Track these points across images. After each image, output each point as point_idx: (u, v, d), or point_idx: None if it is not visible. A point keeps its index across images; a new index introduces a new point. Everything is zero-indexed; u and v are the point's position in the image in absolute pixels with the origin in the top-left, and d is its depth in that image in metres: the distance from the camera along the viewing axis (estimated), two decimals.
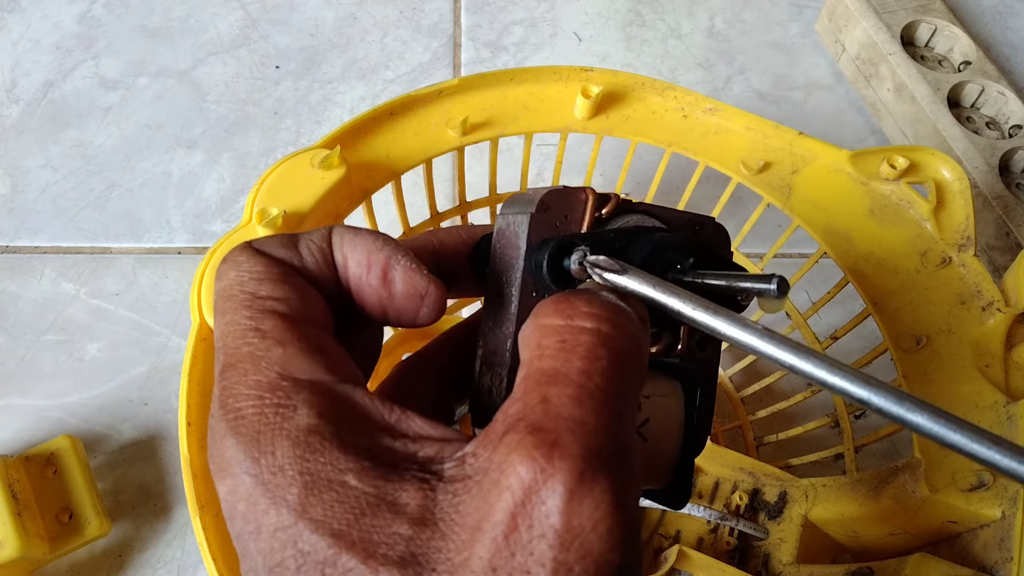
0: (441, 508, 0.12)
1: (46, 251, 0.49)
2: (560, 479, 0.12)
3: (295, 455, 0.13)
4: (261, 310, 0.15)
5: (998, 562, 0.29)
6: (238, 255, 0.16)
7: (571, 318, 0.14)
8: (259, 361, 0.14)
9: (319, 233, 0.17)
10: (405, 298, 0.16)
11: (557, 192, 0.17)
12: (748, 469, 0.38)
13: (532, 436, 0.12)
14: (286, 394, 0.14)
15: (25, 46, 0.58)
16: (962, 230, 0.35)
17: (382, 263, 0.16)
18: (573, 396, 0.13)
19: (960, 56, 0.57)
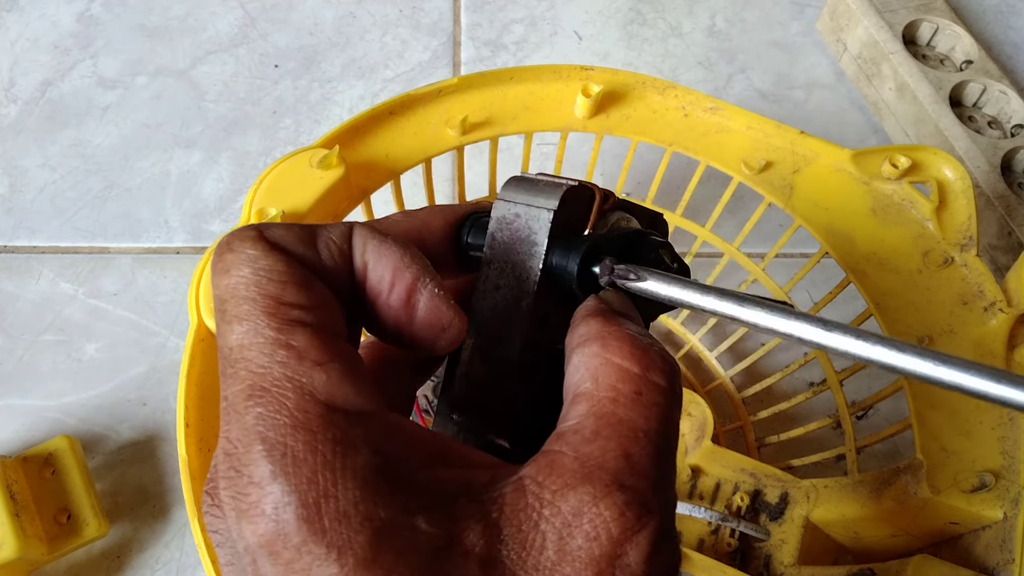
0: (507, 546, 0.12)
1: (44, 251, 0.49)
2: (645, 535, 0.13)
3: (363, 499, 0.12)
4: (289, 320, 0.13)
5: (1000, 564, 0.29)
6: (249, 246, 0.14)
7: (647, 370, 0.14)
8: (301, 388, 0.12)
9: (339, 231, 0.15)
10: (425, 327, 0.15)
11: (575, 189, 0.17)
12: (749, 470, 0.38)
13: (621, 492, 0.13)
14: (342, 430, 0.12)
15: (23, 45, 0.58)
16: (964, 230, 0.35)
17: (407, 284, 0.15)
18: (653, 456, 0.14)
19: (962, 55, 0.57)
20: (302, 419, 0.12)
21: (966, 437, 0.31)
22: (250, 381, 0.13)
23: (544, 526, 0.12)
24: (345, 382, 0.13)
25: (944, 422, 0.32)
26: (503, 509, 0.13)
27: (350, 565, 0.11)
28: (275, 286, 0.13)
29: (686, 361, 0.47)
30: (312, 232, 0.15)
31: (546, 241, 0.16)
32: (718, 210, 0.41)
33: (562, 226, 0.16)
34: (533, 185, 0.17)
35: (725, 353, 0.46)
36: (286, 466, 0.12)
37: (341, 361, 0.13)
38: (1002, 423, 0.31)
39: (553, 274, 0.16)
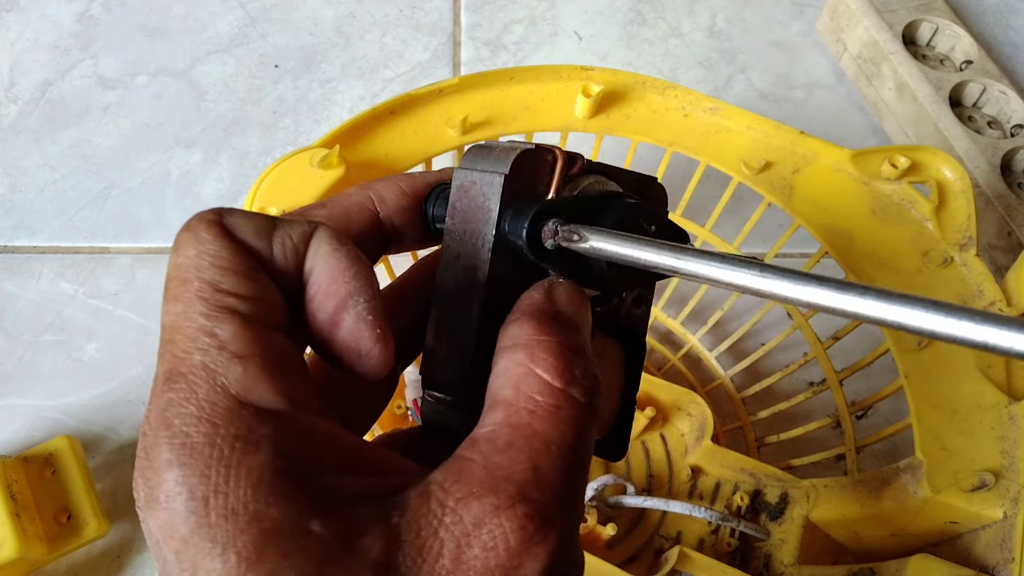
0: (404, 551, 0.12)
1: (44, 251, 0.49)
2: (545, 548, 0.13)
3: (253, 498, 0.12)
4: (220, 307, 0.13)
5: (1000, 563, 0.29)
6: (203, 229, 0.14)
7: (569, 384, 0.14)
8: (214, 377, 0.12)
9: (300, 229, 0.15)
10: (344, 348, 0.14)
11: (529, 152, 0.16)
12: (749, 470, 0.38)
13: (524, 505, 0.13)
14: (247, 426, 0.12)
15: (23, 45, 0.58)
16: (964, 230, 0.35)
17: (337, 300, 0.14)
18: (562, 471, 0.14)
19: (962, 55, 0.57)
20: (208, 411, 0.12)
21: (966, 436, 0.31)
22: (171, 364, 0.13)
23: (444, 533, 0.12)
24: (263, 378, 0.13)
25: (944, 421, 0.32)
26: (404, 514, 0.13)
27: (232, 563, 0.11)
28: (215, 271, 0.13)
29: (686, 361, 0.47)
30: (272, 225, 0.15)
31: (497, 207, 0.16)
32: (718, 210, 0.42)
33: (518, 191, 0.16)
34: (490, 152, 0.16)
35: (725, 353, 0.46)
36: (183, 456, 0.12)
37: (265, 356, 0.13)
38: (1002, 422, 0.31)
39: (506, 240, 0.16)
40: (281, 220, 0.15)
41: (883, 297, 0.12)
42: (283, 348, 0.14)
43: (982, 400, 0.32)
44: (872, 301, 0.12)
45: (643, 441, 0.41)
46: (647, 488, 0.40)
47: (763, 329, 0.47)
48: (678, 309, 0.47)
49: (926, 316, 0.12)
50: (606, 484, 0.36)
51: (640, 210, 0.17)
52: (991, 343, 0.11)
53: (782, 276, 0.13)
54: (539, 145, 0.17)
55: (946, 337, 0.11)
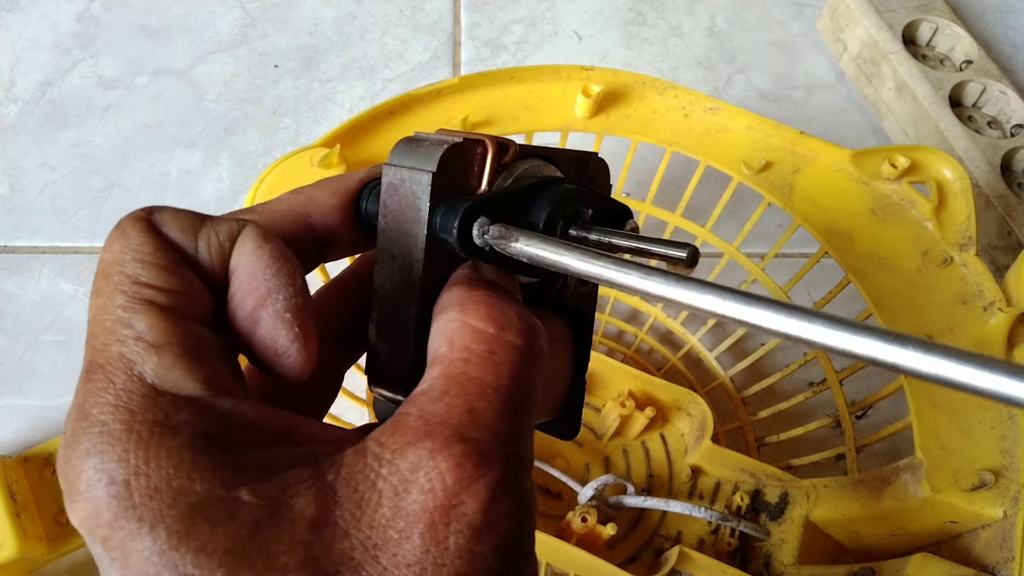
0: (342, 507, 0.12)
1: (44, 251, 0.49)
2: (484, 483, 0.13)
3: (175, 476, 0.12)
4: (137, 299, 0.13)
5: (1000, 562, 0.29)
6: (130, 225, 0.14)
7: (503, 330, 0.15)
8: (131, 367, 0.13)
9: (227, 227, 0.15)
10: (262, 347, 0.14)
11: (456, 147, 0.16)
12: (749, 470, 0.38)
13: (460, 444, 0.13)
14: (164, 412, 0.12)
15: (23, 45, 0.58)
16: (963, 230, 0.35)
17: (258, 295, 0.14)
18: (500, 410, 0.14)
19: (961, 55, 0.57)
20: (125, 400, 0.12)
21: (966, 436, 0.31)
22: (91, 357, 0.13)
23: (381, 484, 0.13)
24: (180, 366, 0.13)
25: (944, 421, 0.32)
26: (340, 472, 0.13)
27: (163, 538, 0.11)
28: (136, 265, 0.14)
29: (686, 361, 0.47)
30: (199, 222, 0.15)
31: (427, 206, 0.15)
32: (718, 210, 0.42)
33: (448, 187, 0.16)
34: (418, 147, 0.16)
35: (725, 353, 0.46)
36: (101, 444, 0.12)
37: (183, 345, 0.13)
38: (1002, 422, 0.31)
39: (438, 239, 0.16)
40: (209, 218, 0.15)
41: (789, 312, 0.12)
42: (202, 337, 0.14)
43: (982, 400, 0.32)
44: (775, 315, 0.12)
45: (643, 441, 0.41)
46: (647, 488, 0.40)
47: None
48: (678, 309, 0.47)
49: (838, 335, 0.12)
50: (606, 484, 0.36)
51: (574, 194, 0.17)
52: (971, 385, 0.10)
53: (701, 288, 0.13)
54: (467, 136, 0.16)
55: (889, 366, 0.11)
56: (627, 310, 0.49)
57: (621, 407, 0.39)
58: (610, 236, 0.16)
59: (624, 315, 0.49)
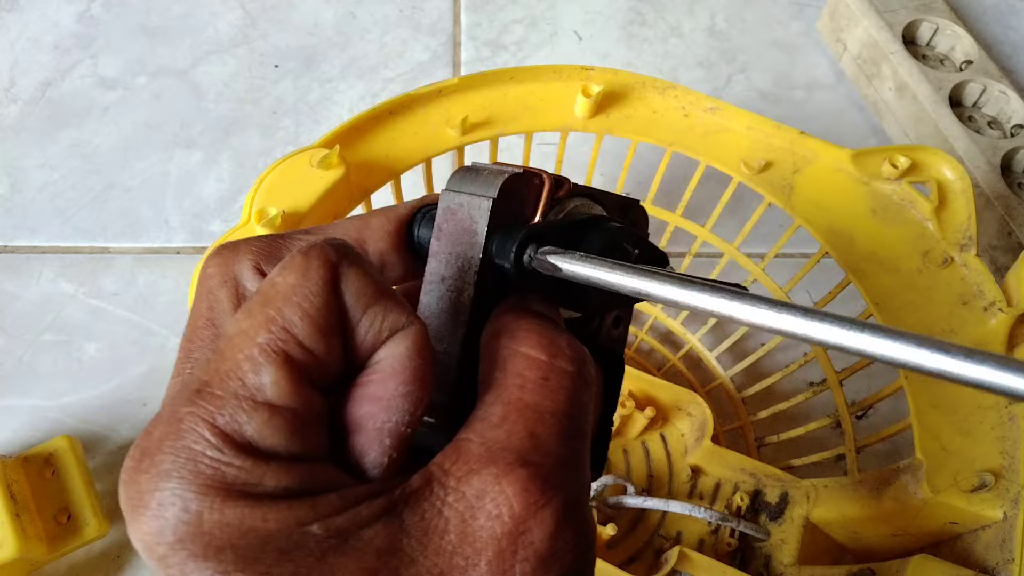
0: (409, 534, 0.12)
1: (44, 251, 0.49)
2: (551, 510, 0.13)
3: (248, 517, 0.12)
4: (278, 349, 0.13)
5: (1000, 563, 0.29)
6: (316, 267, 0.13)
7: (555, 357, 0.15)
8: (238, 415, 0.13)
9: (395, 317, 0.14)
10: (352, 443, 0.14)
11: (517, 177, 0.16)
12: (749, 470, 0.38)
13: (524, 469, 0.13)
14: (251, 471, 0.12)
15: (24, 45, 0.58)
16: (964, 230, 0.35)
17: (378, 405, 0.14)
18: (559, 435, 0.14)
19: (962, 55, 0.57)
20: (218, 443, 0.12)
21: (966, 437, 0.31)
22: (209, 376, 0.13)
23: (447, 512, 0.13)
24: (283, 431, 0.13)
25: (944, 422, 0.32)
26: (407, 501, 0.13)
27: (229, 560, 0.12)
28: (296, 314, 0.13)
29: (686, 361, 0.47)
30: (377, 295, 0.14)
31: (485, 230, 0.16)
32: (718, 210, 0.42)
33: (505, 215, 0.16)
34: (478, 175, 0.17)
35: (725, 353, 0.46)
36: (183, 472, 0.12)
37: (293, 412, 0.13)
38: (1002, 423, 0.31)
39: (493, 264, 0.16)
40: (387, 293, 0.14)
41: (855, 327, 0.12)
42: (315, 406, 0.13)
43: (982, 400, 0.32)
44: (847, 331, 0.12)
45: (643, 441, 0.41)
46: (647, 488, 0.40)
47: None
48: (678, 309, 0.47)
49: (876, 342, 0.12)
50: (606, 484, 0.36)
51: (624, 233, 0.18)
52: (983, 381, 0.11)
53: (747, 301, 0.13)
54: (527, 169, 0.17)
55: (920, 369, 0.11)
56: None
57: (621, 407, 0.39)
58: (656, 272, 0.17)
59: None
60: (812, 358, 0.41)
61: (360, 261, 0.14)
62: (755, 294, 0.13)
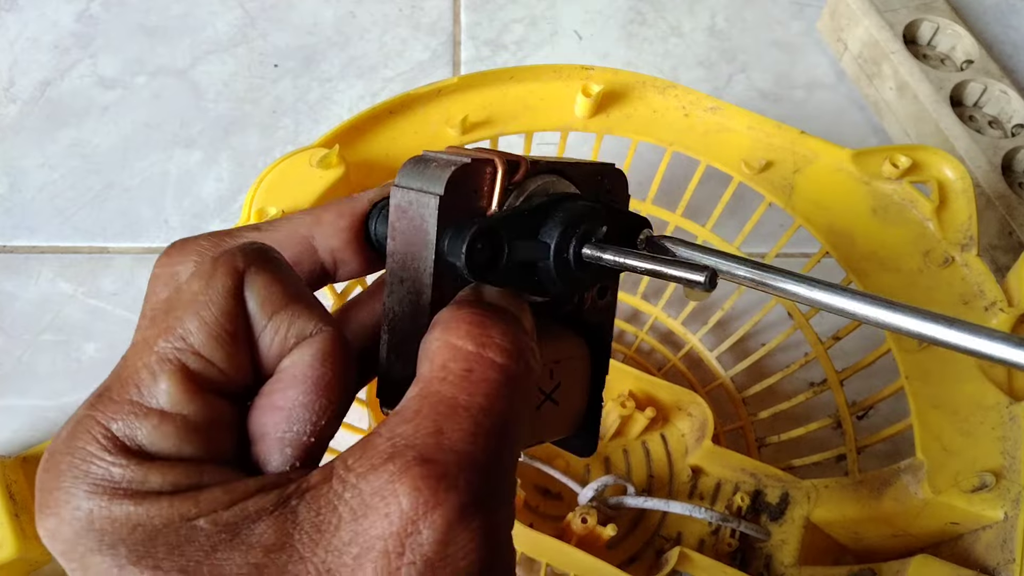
0: (302, 529, 0.12)
1: (43, 251, 0.49)
2: (441, 512, 0.12)
3: (133, 513, 0.12)
4: (174, 358, 0.13)
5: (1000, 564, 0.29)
6: (221, 275, 0.14)
7: (483, 347, 0.14)
8: (133, 421, 0.13)
9: (302, 325, 0.14)
10: (256, 449, 0.14)
11: (463, 169, 0.15)
12: (750, 470, 0.38)
13: (420, 467, 0.12)
14: (137, 473, 0.13)
15: (23, 45, 0.58)
16: (965, 230, 0.35)
17: (279, 415, 0.14)
18: (469, 432, 0.13)
19: (962, 55, 0.57)
20: (111, 446, 0.13)
21: (967, 437, 0.31)
22: (111, 381, 0.14)
23: (342, 508, 0.12)
24: (174, 436, 0.13)
25: (945, 422, 0.32)
26: (304, 495, 0.13)
27: (122, 555, 0.12)
28: (195, 323, 0.14)
29: (686, 361, 0.47)
30: (284, 301, 0.14)
31: (435, 230, 0.15)
32: (718, 210, 0.41)
33: (456, 209, 0.15)
34: (426, 167, 0.16)
35: (725, 353, 0.46)
36: (77, 471, 0.13)
37: (185, 418, 0.13)
38: (1003, 423, 0.31)
39: (447, 263, 0.15)
40: (297, 299, 0.14)
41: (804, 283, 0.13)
42: (214, 412, 0.14)
43: (983, 400, 0.32)
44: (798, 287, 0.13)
45: (643, 441, 0.41)
46: (647, 488, 0.40)
47: (764, 329, 0.47)
48: (678, 309, 0.47)
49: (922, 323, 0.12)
50: (606, 484, 0.36)
51: (588, 211, 0.17)
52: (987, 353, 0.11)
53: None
54: (476, 156, 0.16)
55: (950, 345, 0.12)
56: (628, 310, 0.49)
57: (621, 407, 0.39)
58: (626, 256, 0.16)
59: (625, 315, 0.49)
60: (813, 358, 0.41)
61: (270, 267, 0.14)
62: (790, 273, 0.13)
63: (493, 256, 0.16)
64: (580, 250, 0.16)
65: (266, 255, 0.15)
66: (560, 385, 0.18)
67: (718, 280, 0.15)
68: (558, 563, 0.34)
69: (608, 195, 0.19)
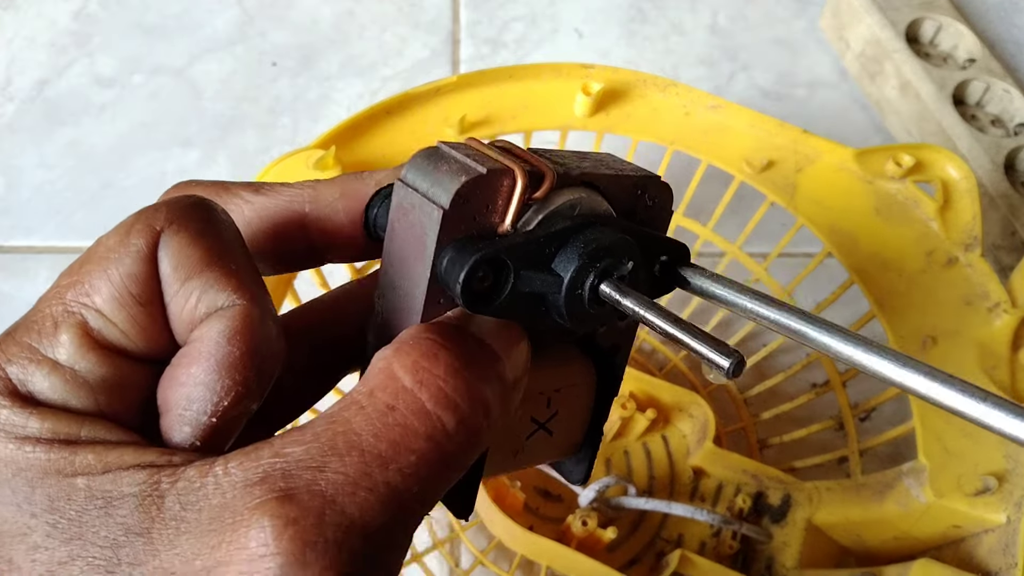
0: (163, 519, 0.12)
1: (40, 251, 0.49)
2: (277, 561, 0.11)
3: (14, 457, 0.12)
4: (75, 312, 0.13)
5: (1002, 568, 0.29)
6: (137, 234, 0.14)
7: (420, 384, 0.12)
8: (27, 368, 0.13)
9: (213, 296, 0.13)
10: (163, 421, 0.13)
11: (476, 182, 0.13)
12: (751, 472, 0.38)
13: (278, 503, 0.11)
14: (24, 418, 0.13)
15: (20, 43, 0.57)
16: (968, 229, 0.35)
17: (181, 390, 0.13)
18: (352, 480, 0.11)
19: (965, 53, 0.57)
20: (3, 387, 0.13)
21: (969, 440, 0.31)
22: (20, 322, 0.14)
23: (205, 513, 0.11)
24: (63, 389, 0.13)
25: (947, 425, 0.31)
26: (176, 484, 0.12)
27: (7, 495, 0.12)
28: (101, 281, 0.14)
29: (688, 362, 0.47)
30: (200, 267, 0.14)
31: (434, 245, 0.13)
32: (720, 209, 0.41)
33: (462, 226, 0.13)
34: (438, 166, 0.14)
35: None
36: None
37: (76, 373, 0.13)
38: None
39: (440, 280, 0.14)
40: (212, 265, 0.13)
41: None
42: (114, 371, 0.13)
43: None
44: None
45: (644, 443, 0.41)
46: (648, 490, 0.40)
47: (766, 330, 0.47)
48: (679, 309, 0.47)
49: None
50: (607, 486, 0.36)
51: (615, 243, 0.14)
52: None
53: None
54: (493, 166, 0.14)
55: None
56: None
57: (622, 408, 0.39)
58: (647, 309, 0.14)
59: None
60: (815, 359, 0.41)
61: (193, 226, 0.13)
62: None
63: (495, 285, 0.14)
64: (598, 286, 0.14)
65: (193, 212, 0.14)
66: (557, 415, 0.17)
67: (744, 366, 0.13)
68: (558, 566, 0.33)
69: (648, 211, 0.16)
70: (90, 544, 0.12)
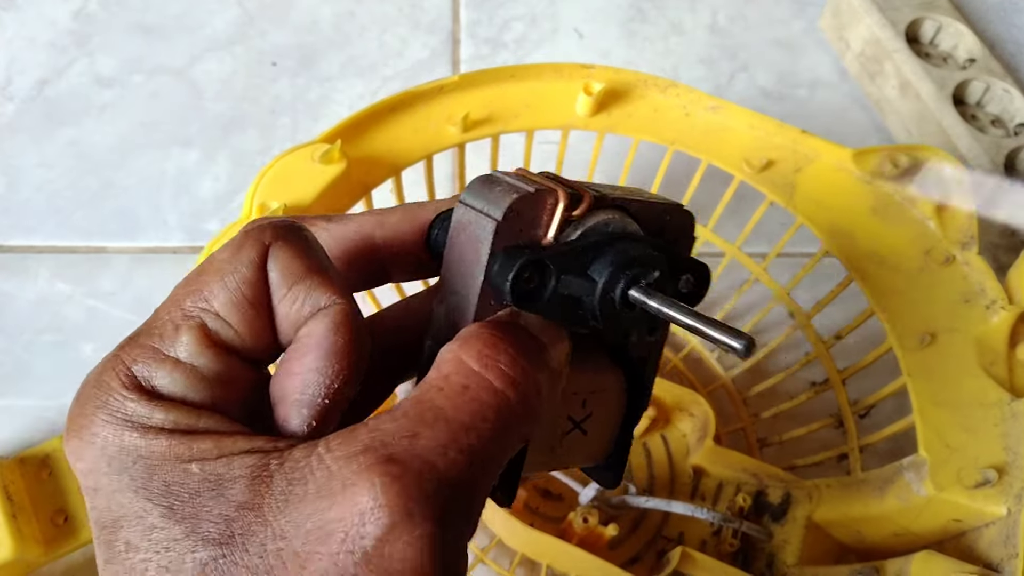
0: (273, 495, 0.13)
1: (41, 250, 0.49)
2: (387, 511, 0.12)
3: (138, 445, 0.14)
4: (196, 316, 0.15)
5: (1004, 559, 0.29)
6: (249, 247, 0.15)
7: (486, 368, 0.15)
8: (150, 366, 0.15)
9: (317, 296, 0.16)
10: (277, 413, 0.16)
11: (527, 198, 0.16)
12: (751, 470, 0.38)
13: (384, 464, 0.13)
14: (149, 411, 0.14)
15: (20, 43, 0.57)
16: (965, 228, 0.35)
17: (295, 380, 0.15)
18: (442, 443, 0.13)
19: (965, 53, 0.57)
20: (131, 384, 0.15)
21: (969, 433, 0.31)
22: (147, 326, 0.15)
23: (311, 485, 0.13)
24: (185, 385, 0.15)
25: (947, 419, 0.32)
26: (283, 464, 0.13)
27: (125, 481, 0.14)
28: (218, 287, 0.15)
29: (687, 361, 0.47)
30: (302, 275, 0.16)
31: (488, 252, 0.16)
32: (719, 209, 0.41)
33: (512, 236, 0.16)
34: (491, 188, 0.16)
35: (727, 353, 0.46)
36: (96, 405, 0.15)
37: (197, 370, 0.15)
38: (1005, 419, 0.31)
39: (495, 286, 0.16)
40: (314, 273, 0.15)
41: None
42: (229, 370, 0.15)
43: (985, 397, 0.32)
44: None
45: (644, 442, 0.41)
46: (649, 489, 0.40)
47: (765, 329, 0.47)
48: None
49: None
50: None
51: (643, 255, 0.17)
52: None
53: None
54: (540, 186, 0.16)
55: None
56: None
57: None
58: (671, 307, 0.16)
59: None
60: (814, 358, 0.41)
61: (295, 242, 0.16)
62: None
63: (539, 286, 0.16)
64: (627, 291, 0.17)
65: (293, 231, 0.16)
66: (591, 416, 0.19)
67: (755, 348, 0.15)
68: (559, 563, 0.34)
69: (672, 233, 0.19)
70: (204, 521, 0.13)
